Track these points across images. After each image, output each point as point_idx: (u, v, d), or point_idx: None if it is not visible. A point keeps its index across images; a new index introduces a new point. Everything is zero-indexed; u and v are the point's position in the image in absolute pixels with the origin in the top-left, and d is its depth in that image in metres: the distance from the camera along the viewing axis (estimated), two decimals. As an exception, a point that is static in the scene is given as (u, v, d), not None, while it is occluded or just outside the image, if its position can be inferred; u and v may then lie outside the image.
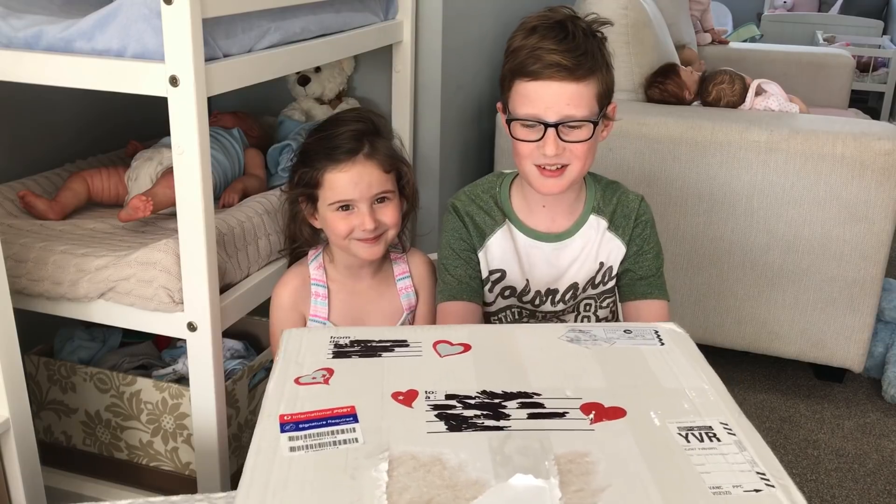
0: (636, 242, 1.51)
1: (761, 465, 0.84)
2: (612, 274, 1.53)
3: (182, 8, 1.26)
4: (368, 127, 1.47)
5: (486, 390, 0.96)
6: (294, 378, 0.99)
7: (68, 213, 1.72)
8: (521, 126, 1.38)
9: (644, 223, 1.51)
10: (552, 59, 1.32)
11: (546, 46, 1.33)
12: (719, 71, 2.76)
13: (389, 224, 1.47)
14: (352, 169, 1.42)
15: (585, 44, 1.35)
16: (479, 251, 1.50)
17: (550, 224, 1.49)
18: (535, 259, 1.50)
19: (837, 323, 2.30)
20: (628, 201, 1.51)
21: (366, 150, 1.43)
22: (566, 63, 1.32)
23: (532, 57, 1.34)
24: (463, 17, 2.36)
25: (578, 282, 1.52)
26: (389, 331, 1.12)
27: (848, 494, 2.01)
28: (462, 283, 1.49)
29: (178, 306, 1.46)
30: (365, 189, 1.43)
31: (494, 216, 1.50)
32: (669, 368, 1.03)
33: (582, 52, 1.34)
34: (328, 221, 1.46)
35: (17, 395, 1.34)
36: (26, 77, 1.42)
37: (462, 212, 1.51)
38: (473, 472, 0.81)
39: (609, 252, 1.51)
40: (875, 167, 2.14)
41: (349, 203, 1.43)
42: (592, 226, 1.50)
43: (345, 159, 1.42)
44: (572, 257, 1.50)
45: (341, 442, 0.86)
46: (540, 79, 1.34)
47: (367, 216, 1.43)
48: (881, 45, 5.75)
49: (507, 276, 1.51)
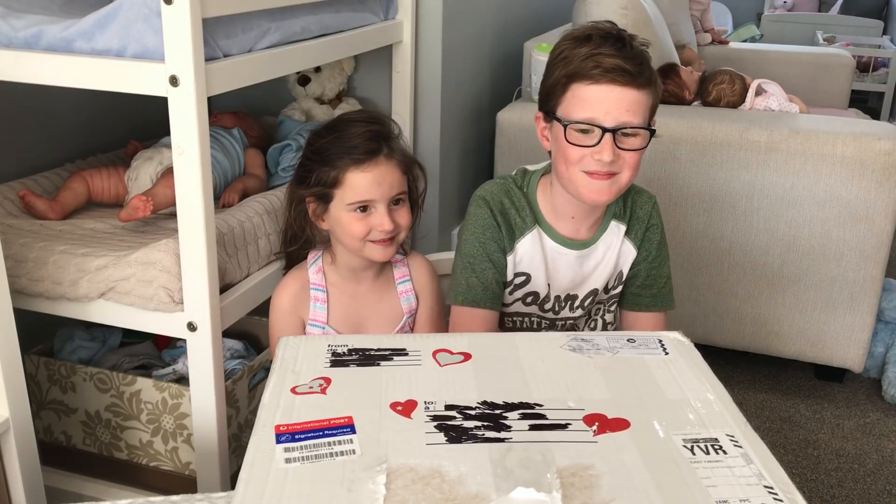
0: (645, 247, 1.50)
1: (769, 479, 0.83)
2: (622, 279, 1.53)
3: (182, 8, 1.26)
4: (383, 128, 1.47)
5: (486, 401, 0.95)
6: (290, 387, 0.98)
7: (68, 213, 1.72)
8: (576, 131, 1.35)
9: (654, 228, 1.50)
10: (615, 63, 1.31)
11: (606, 52, 1.32)
12: (719, 71, 2.76)
13: (404, 226, 1.46)
14: (375, 169, 1.41)
15: (642, 55, 1.35)
16: (509, 254, 1.47)
17: (577, 232, 1.48)
18: (559, 264, 1.49)
19: (837, 323, 2.30)
20: (642, 203, 1.50)
21: (385, 151, 1.43)
22: (629, 68, 1.31)
23: (592, 61, 1.32)
24: (463, 17, 2.35)
25: (598, 287, 1.51)
26: (388, 339, 1.11)
27: (848, 494, 2.01)
28: (488, 289, 1.46)
29: (178, 306, 1.45)
30: (386, 190, 1.42)
31: (525, 218, 1.47)
32: (674, 379, 1.02)
33: (640, 61, 1.33)
34: (343, 222, 1.44)
35: (17, 395, 1.34)
36: (26, 77, 1.41)
37: (495, 208, 1.46)
38: (473, 486, 0.80)
39: (623, 256, 1.51)
40: (875, 167, 2.14)
41: (368, 204, 1.42)
42: (613, 232, 1.49)
43: (367, 159, 1.41)
44: (595, 263, 1.49)
45: (338, 454, 0.86)
46: (601, 82, 1.32)
47: (386, 217, 1.42)
48: (881, 45, 5.74)
49: (531, 281, 1.49)
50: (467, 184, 2.58)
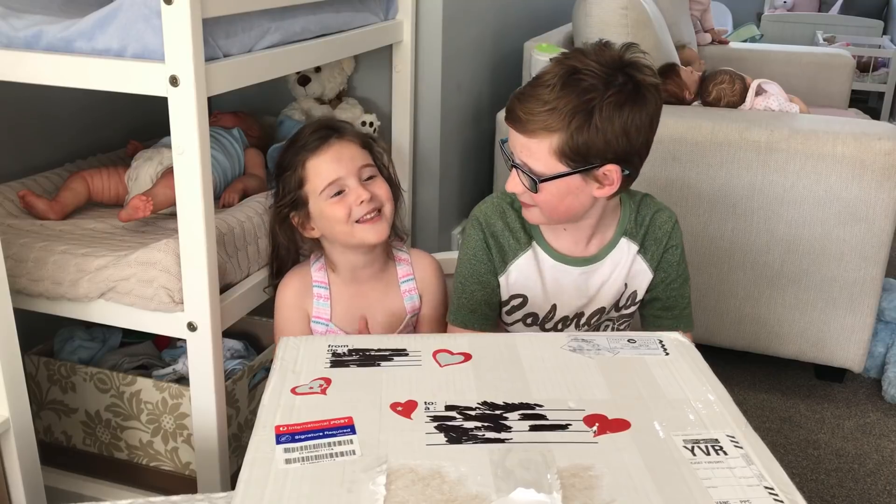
0: (664, 269, 1.47)
1: (769, 480, 0.83)
2: (636, 299, 1.50)
3: (182, 8, 1.26)
4: (331, 122, 1.54)
5: (486, 401, 0.95)
6: (291, 388, 0.98)
7: (68, 213, 1.71)
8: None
9: (673, 249, 1.46)
10: (511, 106, 1.32)
11: (520, 91, 1.32)
12: (719, 71, 2.75)
13: (384, 197, 1.48)
14: (329, 149, 1.47)
15: (561, 98, 1.25)
16: (501, 276, 1.46)
17: (577, 247, 1.45)
18: (563, 283, 1.46)
19: (837, 323, 2.30)
20: (661, 223, 1.46)
21: (335, 135, 1.48)
22: (520, 115, 1.30)
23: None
24: (463, 16, 2.35)
25: (605, 305, 1.49)
26: (388, 339, 1.11)
27: (848, 494, 2.01)
28: (476, 311, 1.47)
29: (178, 306, 1.45)
30: (349, 163, 1.46)
31: (519, 238, 1.45)
32: (674, 379, 1.02)
33: (550, 107, 1.25)
34: (326, 213, 1.46)
35: (17, 395, 1.34)
36: (26, 77, 1.41)
37: (486, 230, 1.45)
38: (474, 486, 0.80)
39: (636, 276, 1.47)
40: (875, 167, 2.14)
41: (339, 184, 1.45)
42: (623, 249, 1.45)
43: (319, 144, 1.47)
44: (601, 281, 1.46)
45: (338, 454, 0.86)
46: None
47: (360, 188, 1.45)
48: (881, 45, 5.74)
49: (528, 302, 1.48)
50: (467, 184, 2.58)
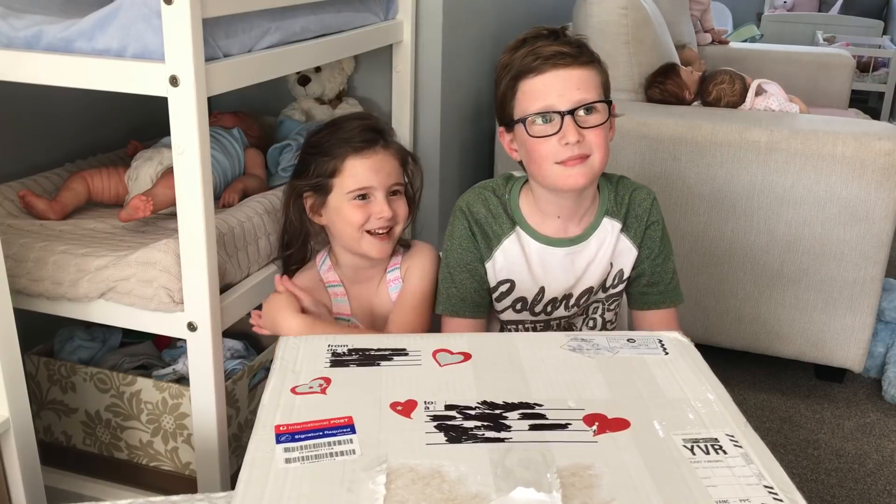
0: (647, 245, 1.49)
1: (769, 479, 0.83)
2: (622, 277, 1.52)
3: (182, 8, 1.26)
4: (379, 123, 1.53)
5: (486, 400, 0.95)
6: (290, 387, 0.98)
7: (68, 213, 1.71)
8: (536, 124, 1.36)
9: (654, 225, 1.49)
10: (553, 50, 1.34)
11: (542, 44, 1.36)
12: (719, 71, 2.75)
13: (401, 217, 1.49)
14: (373, 156, 1.46)
15: (579, 41, 1.39)
16: (487, 262, 1.48)
17: (561, 230, 1.47)
18: (549, 265, 1.48)
19: (837, 323, 2.30)
20: (640, 200, 1.49)
21: (382, 142, 1.48)
22: (568, 51, 1.35)
23: (531, 55, 1.35)
24: (463, 16, 2.35)
25: (593, 285, 1.51)
26: (388, 339, 1.11)
27: (848, 494, 2.01)
28: (466, 299, 1.48)
29: (178, 306, 1.45)
30: (385, 177, 1.46)
31: (503, 223, 1.47)
32: (674, 378, 1.02)
33: (578, 45, 1.38)
34: (343, 212, 1.46)
35: (17, 395, 1.34)
36: (26, 77, 1.41)
37: (470, 218, 1.48)
38: (473, 486, 0.80)
39: (621, 254, 1.49)
40: (875, 167, 2.14)
41: (367, 191, 1.45)
42: (606, 228, 1.48)
43: (366, 147, 1.46)
44: (588, 260, 1.48)
45: (338, 454, 0.86)
46: (545, 71, 1.35)
47: (385, 205, 1.45)
48: (881, 45, 5.74)
49: (516, 287, 1.49)
50: (467, 183, 2.57)
